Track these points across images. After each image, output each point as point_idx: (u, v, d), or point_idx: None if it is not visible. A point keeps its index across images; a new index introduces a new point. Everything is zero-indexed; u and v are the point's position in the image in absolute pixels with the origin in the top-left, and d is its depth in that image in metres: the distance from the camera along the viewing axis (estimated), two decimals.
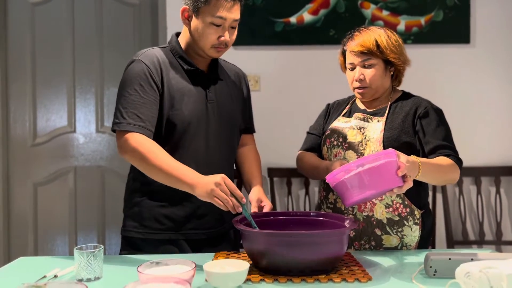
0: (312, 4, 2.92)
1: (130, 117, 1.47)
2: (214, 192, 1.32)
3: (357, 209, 1.60)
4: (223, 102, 1.62)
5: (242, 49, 2.88)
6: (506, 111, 2.96)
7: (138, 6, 3.08)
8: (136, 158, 1.45)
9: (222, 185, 1.33)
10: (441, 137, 1.56)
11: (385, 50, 1.61)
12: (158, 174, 1.42)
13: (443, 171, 1.47)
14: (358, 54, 1.62)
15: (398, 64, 1.64)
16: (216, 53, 1.55)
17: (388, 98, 1.69)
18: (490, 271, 0.98)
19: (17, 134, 3.08)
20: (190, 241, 1.57)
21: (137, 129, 1.46)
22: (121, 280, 1.22)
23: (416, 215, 1.59)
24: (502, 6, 2.94)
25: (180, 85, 1.54)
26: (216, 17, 1.48)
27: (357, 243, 1.62)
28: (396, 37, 1.66)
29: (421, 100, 1.66)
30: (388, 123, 1.61)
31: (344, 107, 1.77)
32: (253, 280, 1.23)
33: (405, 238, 1.59)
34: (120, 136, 1.48)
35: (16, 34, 3.05)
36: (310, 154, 1.76)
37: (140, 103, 1.48)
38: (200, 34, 1.51)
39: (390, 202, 1.58)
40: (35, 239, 3.08)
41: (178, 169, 1.41)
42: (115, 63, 3.04)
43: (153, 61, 1.53)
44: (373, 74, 1.62)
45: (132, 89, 1.49)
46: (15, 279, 1.26)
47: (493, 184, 2.93)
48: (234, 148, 1.69)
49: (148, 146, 1.44)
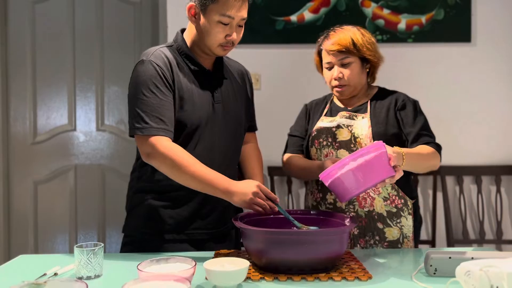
0: (313, 2, 2.92)
1: (152, 120, 1.43)
2: (253, 201, 1.36)
3: (358, 206, 1.64)
4: (229, 102, 1.61)
5: (243, 48, 2.87)
6: (507, 110, 2.96)
7: (139, 4, 3.08)
8: (167, 165, 1.42)
9: (259, 193, 1.36)
10: (419, 127, 1.63)
11: (361, 47, 1.65)
12: (190, 181, 1.41)
13: (424, 159, 1.54)
14: (336, 53, 1.65)
15: (373, 61, 1.69)
16: (223, 52, 1.54)
17: (366, 95, 1.74)
18: (490, 270, 0.97)
19: (18, 132, 3.08)
20: (193, 241, 1.56)
21: (162, 132, 1.43)
22: (121, 278, 1.22)
23: (409, 205, 1.65)
24: (503, 5, 2.93)
25: (188, 86, 1.52)
26: (224, 15, 1.46)
27: (362, 240, 1.65)
28: (370, 35, 1.70)
29: (399, 94, 1.72)
30: (373, 119, 1.65)
31: (324, 106, 1.80)
32: (253, 278, 1.23)
33: (404, 229, 1.64)
34: (143, 141, 1.44)
35: (16, 32, 3.05)
36: (297, 156, 1.78)
37: (160, 105, 1.44)
38: (207, 33, 1.49)
39: (387, 195, 1.63)
40: (35, 237, 3.08)
41: (211, 176, 1.40)
42: (116, 61, 3.04)
43: (164, 62, 1.50)
44: (351, 72, 1.66)
45: (148, 91, 1.45)
46: (15, 277, 1.26)
47: (493, 183, 2.92)
48: (239, 147, 1.69)
49: (178, 152, 1.42)
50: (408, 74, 2.92)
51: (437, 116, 1.63)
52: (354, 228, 1.64)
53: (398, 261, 1.43)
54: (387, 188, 1.62)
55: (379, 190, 1.62)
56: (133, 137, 1.48)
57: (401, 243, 1.64)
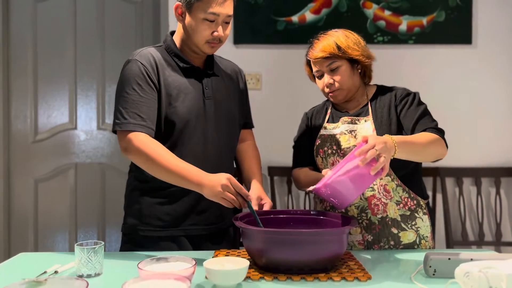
0: (314, 3, 2.92)
1: (131, 116, 1.47)
2: (221, 194, 1.36)
3: (370, 213, 1.60)
4: (220, 98, 1.62)
5: (244, 48, 2.88)
6: (507, 112, 2.97)
7: (140, 3, 3.09)
8: (141, 159, 1.46)
9: (229, 186, 1.35)
10: (419, 114, 1.58)
11: (346, 49, 1.61)
12: (164, 173, 1.44)
13: (424, 146, 1.45)
14: (322, 60, 1.63)
15: (362, 60, 1.64)
16: (210, 49, 1.56)
17: (365, 95, 1.70)
18: (489, 271, 0.98)
19: (18, 131, 3.08)
20: (191, 237, 1.58)
21: (139, 128, 1.47)
22: (121, 276, 1.22)
23: (422, 205, 1.62)
24: (504, 7, 2.94)
25: (176, 83, 1.55)
26: (209, 13, 1.48)
27: (376, 246, 1.61)
28: (356, 36, 1.66)
29: (397, 89, 1.68)
30: (376, 121, 1.61)
31: (325, 114, 1.76)
32: (253, 277, 1.23)
33: (420, 231, 1.61)
34: (122, 137, 1.49)
35: (18, 31, 3.05)
36: (305, 170, 1.72)
37: (140, 102, 1.49)
38: (193, 30, 1.52)
39: (399, 198, 1.59)
40: (35, 235, 3.09)
41: (184, 168, 1.42)
42: (117, 60, 3.02)
43: (149, 60, 1.54)
44: (341, 76, 1.63)
45: (130, 88, 1.50)
46: (15, 275, 1.27)
47: (493, 185, 2.93)
48: (233, 144, 1.70)
49: (152, 146, 1.45)
50: (408, 75, 2.92)
51: (437, 117, 1.63)
52: (368, 235, 1.60)
53: (397, 262, 1.43)
54: (398, 191, 1.58)
55: (390, 195, 1.58)
56: (116, 133, 1.52)
57: (418, 244, 1.60)
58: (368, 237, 1.61)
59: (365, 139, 1.31)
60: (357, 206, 1.60)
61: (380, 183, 1.58)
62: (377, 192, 1.58)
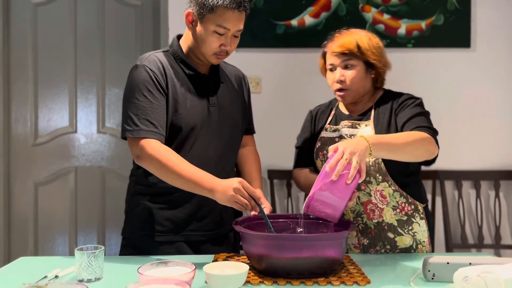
0: (314, 7, 2.93)
1: (142, 123, 1.47)
2: (234, 198, 1.35)
3: (366, 218, 1.60)
4: (225, 105, 1.62)
5: (243, 51, 2.89)
6: (506, 115, 2.97)
7: (140, 7, 3.09)
8: (155, 165, 1.45)
9: (241, 190, 1.35)
10: (412, 114, 1.55)
11: (365, 51, 1.60)
12: (177, 180, 1.43)
13: (405, 144, 1.42)
14: (339, 55, 1.61)
15: (378, 66, 1.62)
16: (216, 60, 1.56)
17: (371, 100, 1.68)
18: (488, 276, 0.98)
19: (19, 134, 3.08)
20: (190, 243, 1.58)
21: (151, 135, 1.46)
22: (122, 281, 1.23)
23: (420, 210, 1.61)
24: (503, 11, 2.95)
25: (183, 89, 1.55)
26: (220, 26, 1.48)
27: (372, 250, 1.61)
28: (377, 40, 1.65)
29: (400, 94, 1.66)
30: (376, 126, 1.60)
31: (329, 113, 1.75)
32: (253, 282, 1.23)
33: (417, 235, 1.60)
34: (134, 144, 1.48)
35: (18, 34, 3.06)
36: (305, 171, 1.72)
37: (151, 108, 1.48)
38: (202, 41, 1.52)
39: (396, 203, 1.59)
40: (35, 239, 3.09)
41: (196, 175, 1.42)
42: (117, 64, 3.05)
43: (158, 66, 1.53)
44: (354, 75, 1.61)
45: (140, 94, 1.49)
46: (16, 279, 1.27)
47: (492, 188, 2.93)
48: (236, 150, 1.70)
49: (165, 153, 1.45)
50: (407, 79, 2.93)
51: (436, 121, 1.63)
52: (364, 239, 1.61)
53: (396, 266, 1.43)
54: (395, 196, 1.58)
55: (387, 200, 1.57)
56: (126, 139, 1.51)
57: (414, 249, 1.60)
58: (364, 240, 1.61)
59: (335, 149, 1.31)
60: (353, 210, 1.61)
61: (377, 188, 1.58)
62: (373, 197, 1.58)
